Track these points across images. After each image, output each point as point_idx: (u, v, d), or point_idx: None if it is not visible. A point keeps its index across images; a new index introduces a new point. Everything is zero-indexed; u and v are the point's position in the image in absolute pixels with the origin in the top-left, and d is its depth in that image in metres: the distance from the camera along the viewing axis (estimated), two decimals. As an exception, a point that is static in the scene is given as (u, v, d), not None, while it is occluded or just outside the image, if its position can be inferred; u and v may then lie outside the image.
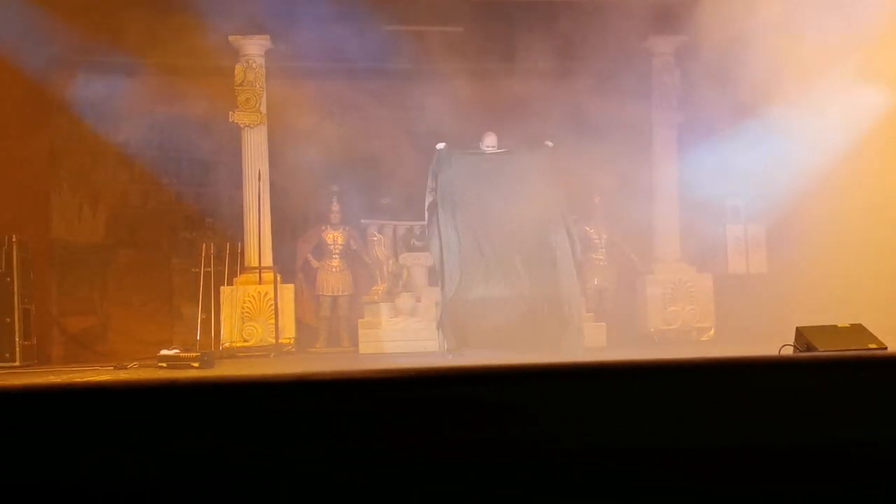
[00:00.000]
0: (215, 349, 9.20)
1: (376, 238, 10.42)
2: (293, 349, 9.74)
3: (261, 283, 9.73)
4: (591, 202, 10.58)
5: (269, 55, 10.21)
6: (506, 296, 7.91)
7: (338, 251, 10.53)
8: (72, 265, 10.59)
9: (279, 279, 9.80)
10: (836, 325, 5.02)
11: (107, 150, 10.67)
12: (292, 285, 10.07)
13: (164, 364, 7.38)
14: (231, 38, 9.93)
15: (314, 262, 10.56)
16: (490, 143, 8.43)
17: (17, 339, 8.61)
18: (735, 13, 8.45)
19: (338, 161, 10.62)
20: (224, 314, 9.75)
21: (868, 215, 9.00)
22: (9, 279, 8.66)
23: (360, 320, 10.08)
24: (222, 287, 9.89)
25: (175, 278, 10.91)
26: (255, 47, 10.12)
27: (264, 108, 10.14)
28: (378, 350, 9.51)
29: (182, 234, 11.12)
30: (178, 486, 2.56)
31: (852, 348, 4.64)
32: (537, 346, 7.68)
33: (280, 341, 9.42)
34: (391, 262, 10.38)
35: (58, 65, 10.02)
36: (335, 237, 10.55)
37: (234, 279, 9.98)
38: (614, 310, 10.55)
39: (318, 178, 10.58)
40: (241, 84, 10.07)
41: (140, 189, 11.04)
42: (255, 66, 10.10)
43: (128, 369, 7.63)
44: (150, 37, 9.21)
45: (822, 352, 4.59)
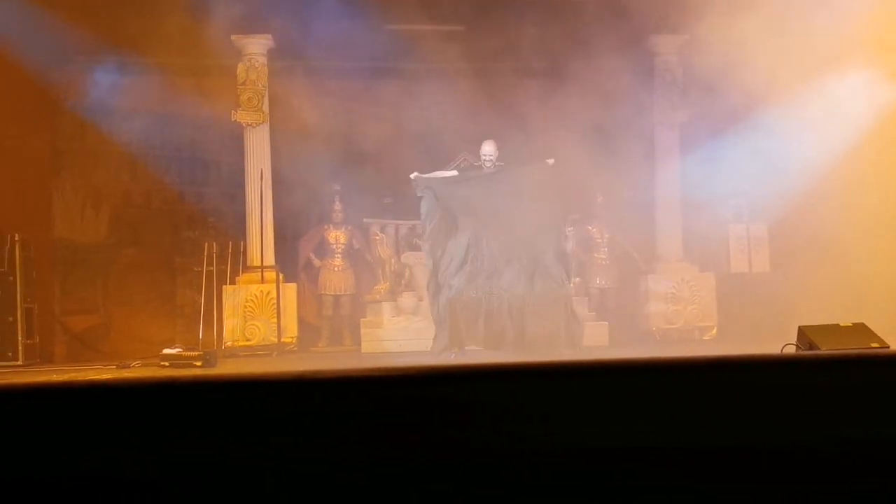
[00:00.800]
0: (218, 348, 9.21)
1: (378, 237, 10.42)
2: (295, 348, 9.75)
3: (263, 283, 9.75)
4: (593, 201, 10.58)
5: (271, 54, 10.21)
6: (504, 297, 7.91)
7: (340, 250, 10.54)
8: (74, 264, 10.60)
9: (281, 278, 9.81)
10: (838, 325, 5.02)
11: (109, 150, 10.67)
12: (294, 284, 10.08)
13: (167, 363, 7.39)
14: (233, 37, 9.93)
15: (316, 262, 10.56)
16: (488, 150, 8.27)
17: (20, 338, 8.62)
18: (736, 12, 8.44)
19: (340, 160, 10.62)
20: (226, 313, 9.75)
21: (871, 214, 9.00)
22: (11, 278, 8.67)
23: (362, 319, 10.10)
24: (225, 286, 9.90)
25: (177, 277, 10.92)
26: (258, 46, 10.13)
27: (266, 108, 10.14)
28: (380, 349, 9.52)
29: (184, 233, 11.12)
30: (179, 485, 2.56)
31: (855, 347, 4.64)
32: (535, 347, 7.72)
33: (282, 340, 9.44)
34: (393, 261, 10.38)
35: (60, 64, 10.04)
36: (337, 236, 10.55)
37: (237, 278, 9.99)
38: (616, 309, 10.55)
39: (321, 177, 10.59)
40: (244, 83, 10.07)
41: (142, 188, 11.05)
42: (257, 65, 10.10)
43: (130, 368, 7.64)
44: (153, 36, 9.21)
45: (825, 351, 4.58)
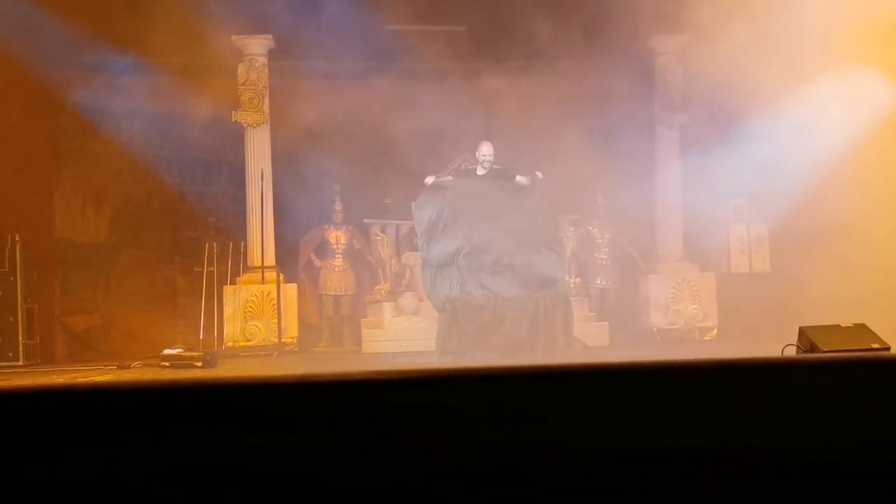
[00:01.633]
0: (218, 349, 9.21)
1: (379, 237, 10.42)
2: (296, 349, 9.74)
3: (263, 283, 9.75)
4: (594, 201, 10.57)
5: (272, 54, 10.22)
6: (504, 298, 7.92)
7: (341, 250, 10.54)
8: (75, 264, 10.60)
9: (282, 278, 9.81)
10: (839, 325, 5.00)
11: (110, 150, 10.67)
12: (295, 285, 10.08)
13: (167, 363, 7.38)
14: (234, 37, 9.94)
15: (317, 262, 10.56)
16: (486, 152, 8.32)
17: (21, 339, 8.62)
18: (737, 12, 8.43)
19: (341, 160, 10.62)
20: (227, 313, 9.75)
21: (871, 214, 8.99)
22: (12, 278, 8.67)
23: (362, 320, 10.10)
24: (225, 286, 9.90)
25: (178, 277, 10.92)
26: (258, 46, 10.13)
27: (267, 108, 10.15)
28: (381, 350, 9.52)
29: (185, 233, 11.13)
30: (180, 485, 2.56)
31: (855, 348, 4.63)
32: (534, 348, 7.73)
33: (283, 341, 9.44)
34: (394, 261, 10.38)
35: (61, 64, 10.04)
36: (338, 236, 10.55)
37: (237, 278, 9.99)
38: (617, 309, 10.55)
39: (321, 178, 10.59)
40: (244, 83, 10.07)
41: (143, 188, 11.05)
42: (258, 65, 10.10)
43: (131, 369, 7.64)
44: (154, 36, 9.20)
45: (825, 352, 4.58)
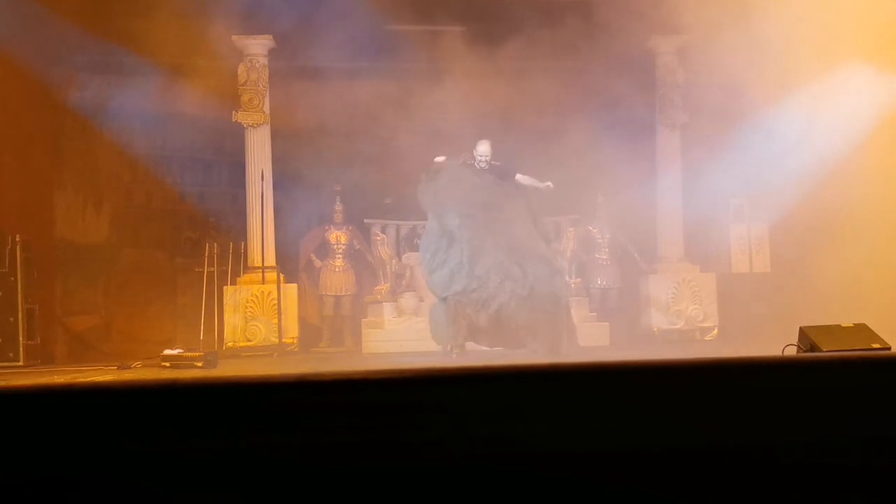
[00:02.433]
0: (219, 349, 9.20)
1: (379, 238, 10.42)
2: (296, 349, 9.74)
3: (264, 283, 9.75)
4: (594, 201, 10.57)
5: (272, 55, 10.21)
6: (501, 296, 7.93)
7: (341, 251, 10.54)
8: (75, 265, 10.60)
9: (282, 279, 9.81)
10: (839, 325, 5.00)
11: (110, 150, 10.68)
12: (295, 285, 10.08)
13: (168, 364, 7.38)
14: (234, 37, 9.93)
15: (317, 262, 10.56)
16: (483, 151, 8.27)
17: (21, 339, 8.60)
18: (737, 12, 8.43)
19: (341, 160, 10.62)
20: (227, 314, 9.75)
21: (872, 214, 8.99)
22: (13, 279, 8.66)
23: (363, 320, 10.10)
24: (225, 287, 9.89)
25: (178, 278, 10.92)
26: (259, 47, 10.13)
27: (267, 108, 10.14)
28: (381, 350, 9.51)
29: (185, 233, 11.13)
30: (180, 484, 2.56)
31: (856, 348, 4.63)
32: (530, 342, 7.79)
33: (283, 341, 9.43)
34: (394, 261, 10.38)
35: (62, 65, 10.04)
36: (338, 237, 10.55)
37: (238, 279, 9.98)
38: (617, 309, 10.56)
39: (322, 178, 10.59)
40: (245, 84, 10.07)
41: (143, 189, 11.05)
42: (258, 65, 10.11)
43: (131, 369, 7.64)
44: (155, 36, 9.21)
45: (826, 352, 4.58)
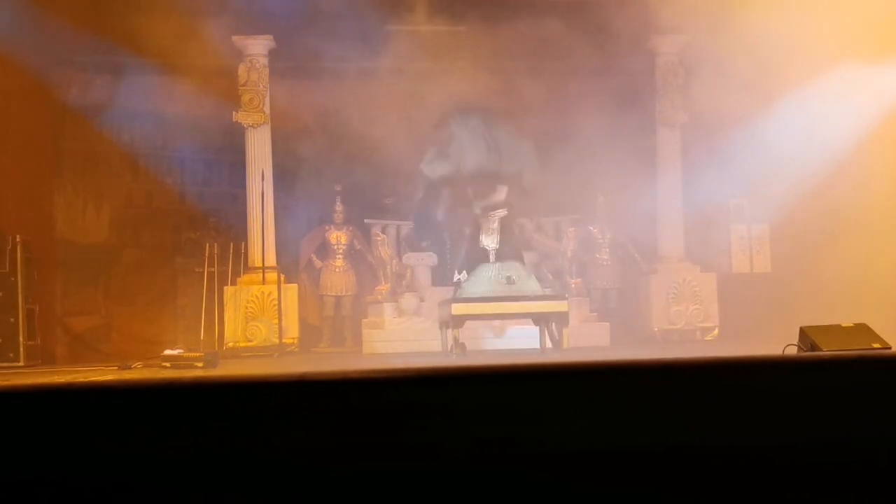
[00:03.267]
0: (219, 349, 9.20)
1: (380, 238, 10.41)
2: (297, 349, 9.74)
3: (264, 283, 9.74)
4: (595, 201, 10.57)
5: (272, 55, 10.21)
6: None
7: (341, 251, 10.54)
8: (76, 265, 10.60)
9: (283, 279, 9.80)
10: (840, 325, 5.00)
11: (111, 150, 10.68)
12: (296, 285, 10.07)
13: (168, 364, 7.38)
14: (235, 38, 9.93)
15: (318, 262, 10.56)
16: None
17: (22, 339, 8.61)
18: (737, 12, 8.43)
19: (341, 161, 10.62)
20: (227, 314, 9.74)
21: (872, 214, 8.98)
22: (13, 279, 8.66)
23: (363, 320, 10.10)
24: (226, 287, 9.89)
25: (179, 278, 10.91)
26: (259, 47, 10.12)
27: (268, 108, 10.14)
28: (381, 350, 9.51)
29: (186, 233, 11.12)
30: (181, 484, 2.56)
31: (856, 348, 4.63)
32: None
33: (283, 341, 9.42)
34: (395, 261, 10.37)
35: (62, 65, 10.05)
36: (339, 237, 10.55)
37: (238, 279, 9.98)
38: (618, 309, 10.55)
39: (322, 178, 10.59)
40: (245, 84, 10.08)
41: (144, 189, 11.05)
42: (258, 66, 10.10)
43: (132, 369, 7.63)
44: (155, 36, 9.21)
45: (826, 352, 4.58)
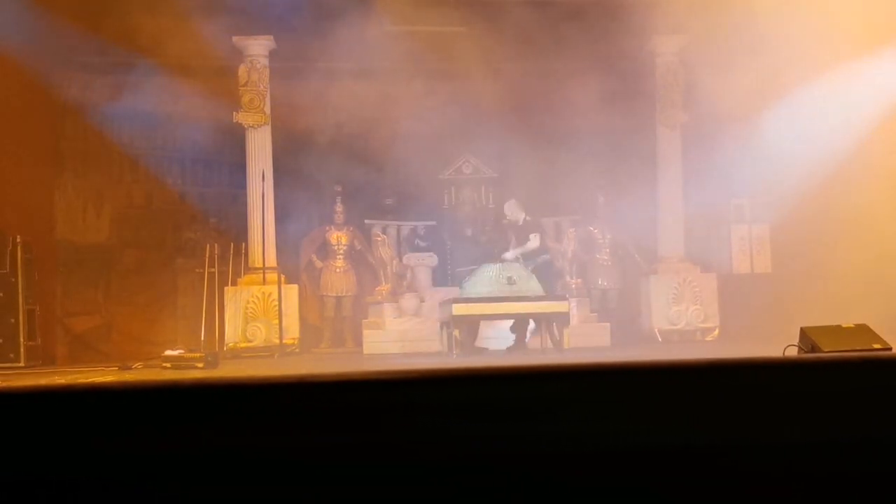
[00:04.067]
0: (219, 350, 9.20)
1: (380, 238, 10.42)
2: (297, 349, 9.74)
3: (265, 284, 9.74)
4: (595, 202, 10.57)
5: (272, 55, 10.22)
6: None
7: (342, 251, 10.53)
8: (76, 265, 10.60)
9: (283, 279, 9.80)
10: (840, 326, 4.99)
11: (111, 151, 10.68)
12: (296, 286, 10.07)
13: (169, 364, 7.39)
14: (235, 38, 9.94)
15: (318, 263, 10.56)
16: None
17: (22, 340, 8.60)
18: (737, 12, 8.43)
19: (342, 161, 10.62)
20: (228, 314, 9.75)
21: (873, 214, 8.98)
22: (13, 280, 8.66)
23: (363, 321, 10.10)
24: (226, 287, 9.89)
25: (179, 278, 10.91)
26: (259, 47, 10.13)
27: (268, 109, 10.15)
28: (382, 350, 9.51)
29: (186, 234, 11.13)
30: (181, 485, 2.56)
31: (857, 349, 4.62)
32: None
33: (284, 342, 9.42)
34: (395, 262, 10.38)
35: (63, 66, 10.05)
36: (339, 237, 10.55)
37: (238, 279, 9.98)
38: (618, 309, 10.55)
39: (322, 178, 10.59)
40: (245, 84, 10.08)
41: (144, 189, 11.06)
42: (258, 66, 10.11)
43: (132, 370, 7.63)
44: (155, 37, 9.21)
45: (827, 352, 4.57)
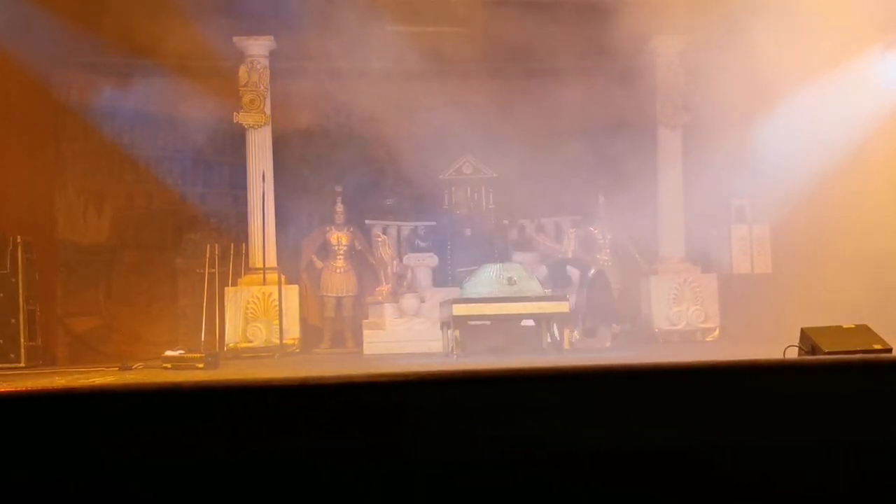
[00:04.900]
0: (220, 350, 9.20)
1: (381, 239, 10.41)
2: (297, 350, 9.74)
3: (265, 284, 9.74)
4: (595, 202, 10.57)
5: (273, 56, 10.22)
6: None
7: (342, 252, 10.52)
8: (77, 266, 10.60)
9: (283, 280, 9.80)
10: (840, 326, 4.99)
11: (111, 152, 10.69)
12: (296, 286, 10.06)
13: (169, 365, 7.39)
14: (235, 38, 9.94)
15: (318, 263, 10.55)
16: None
17: (23, 340, 8.61)
18: (737, 13, 8.43)
19: (342, 161, 10.62)
20: (228, 315, 9.74)
21: (873, 214, 8.98)
22: (14, 280, 8.67)
23: (364, 321, 10.09)
24: (226, 288, 9.89)
25: (179, 279, 10.91)
26: (260, 48, 10.13)
27: (268, 109, 10.15)
28: (382, 351, 9.50)
29: (186, 234, 11.12)
30: (181, 486, 2.56)
31: (857, 349, 4.62)
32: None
33: (284, 342, 9.42)
34: (395, 262, 10.37)
35: (62, 65, 10.05)
36: (339, 238, 10.54)
37: (239, 280, 9.97)
38: (618, 310, 10.52)
39: (323, 179, 10.59)
40: (246, 85, 10.08)
41: (144, 190, 11.06)
42: (259, 66, 10.11)
43: (132, 370, 7.64)
44: (155, 37, 9.21)
45: (827, 353, 4.57)
